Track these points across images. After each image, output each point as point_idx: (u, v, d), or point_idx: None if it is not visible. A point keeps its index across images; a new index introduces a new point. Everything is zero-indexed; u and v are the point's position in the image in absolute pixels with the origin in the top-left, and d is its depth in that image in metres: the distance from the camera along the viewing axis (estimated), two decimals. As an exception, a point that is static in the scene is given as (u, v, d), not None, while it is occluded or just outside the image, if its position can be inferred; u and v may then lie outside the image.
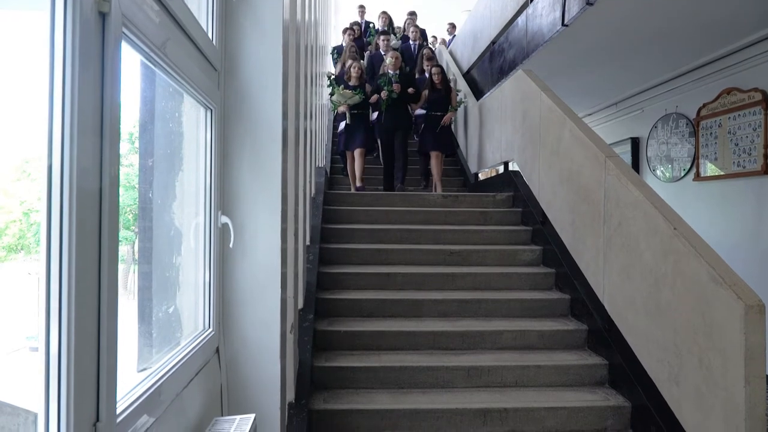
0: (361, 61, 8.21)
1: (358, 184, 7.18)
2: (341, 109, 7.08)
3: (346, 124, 7.15)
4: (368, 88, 7.39)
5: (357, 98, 7.01)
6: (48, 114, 0.99)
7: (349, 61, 7.59)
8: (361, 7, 10.36)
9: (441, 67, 7.57)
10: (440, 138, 7.33)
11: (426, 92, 7.42)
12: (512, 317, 4.13)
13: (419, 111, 7.71)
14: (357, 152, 7.15)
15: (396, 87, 7.12)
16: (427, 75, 7.92)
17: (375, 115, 7.57)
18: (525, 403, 3.26)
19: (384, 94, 7.13)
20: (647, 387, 3.04)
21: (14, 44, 1.13)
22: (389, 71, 7.32)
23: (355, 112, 7.14)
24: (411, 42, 9.59)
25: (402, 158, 7.29)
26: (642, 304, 3.12)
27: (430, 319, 4.08)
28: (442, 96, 7.31)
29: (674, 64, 6.32)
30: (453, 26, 11.31)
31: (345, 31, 9.39)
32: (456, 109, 7.54)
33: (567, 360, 3.63)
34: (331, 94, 7.24)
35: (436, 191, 7.02)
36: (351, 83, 7.19)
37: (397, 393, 3.39)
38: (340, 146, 7.45)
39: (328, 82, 7.31)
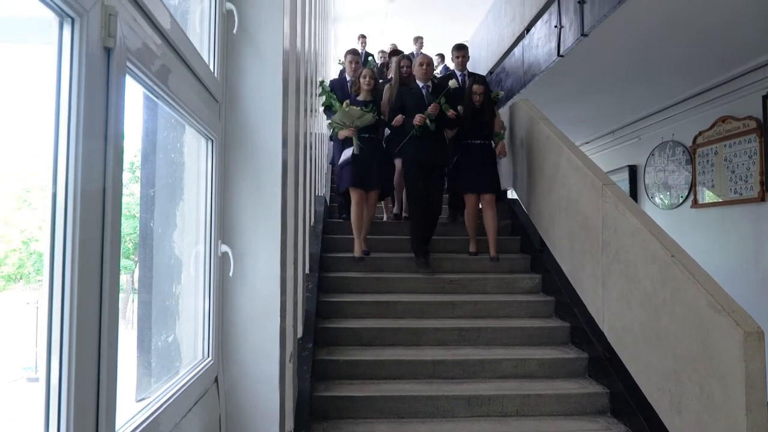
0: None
1: (357, 252, 4.98)
2: (345, 133, 4.96)
3: (353, 153, 4.97)
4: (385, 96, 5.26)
5: (369, 118, 4.95)
6: (53, 144, 1.01)
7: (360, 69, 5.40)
8: (362, 36, 9.18)
9: (484, 82, 5.45)
10: (490, 175, 5.22)
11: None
12: (512, 345, 4.10)
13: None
14: (371, 195, 5.05)
15: (433, 109, 4.88)
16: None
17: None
18: (526, 433, 3.23)
19: (419, 119, 4.86)
20: (649, 416, 3.01)
21: (21, 75, 1.16)
22: (419, 83, 5.12)
23: (366, 135, 5.02)
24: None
25: (436, 211, 5.14)
26: (641, 332, 3.11)
27: (429, 347, 4.06)
28: (484, 121, 5.25)
29: (670, 93, 6.41)
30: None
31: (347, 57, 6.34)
32: (503, 138, 5.53)
33: (568, 389, 3.60)
34: (327, 107, 5.25)
35: (491, 254, 5.11)
36: (360, 98, 5.10)
37: (397, 423, 3.35)
38: (344, 182, 5.06)
39: (320, 91, 5.28)
